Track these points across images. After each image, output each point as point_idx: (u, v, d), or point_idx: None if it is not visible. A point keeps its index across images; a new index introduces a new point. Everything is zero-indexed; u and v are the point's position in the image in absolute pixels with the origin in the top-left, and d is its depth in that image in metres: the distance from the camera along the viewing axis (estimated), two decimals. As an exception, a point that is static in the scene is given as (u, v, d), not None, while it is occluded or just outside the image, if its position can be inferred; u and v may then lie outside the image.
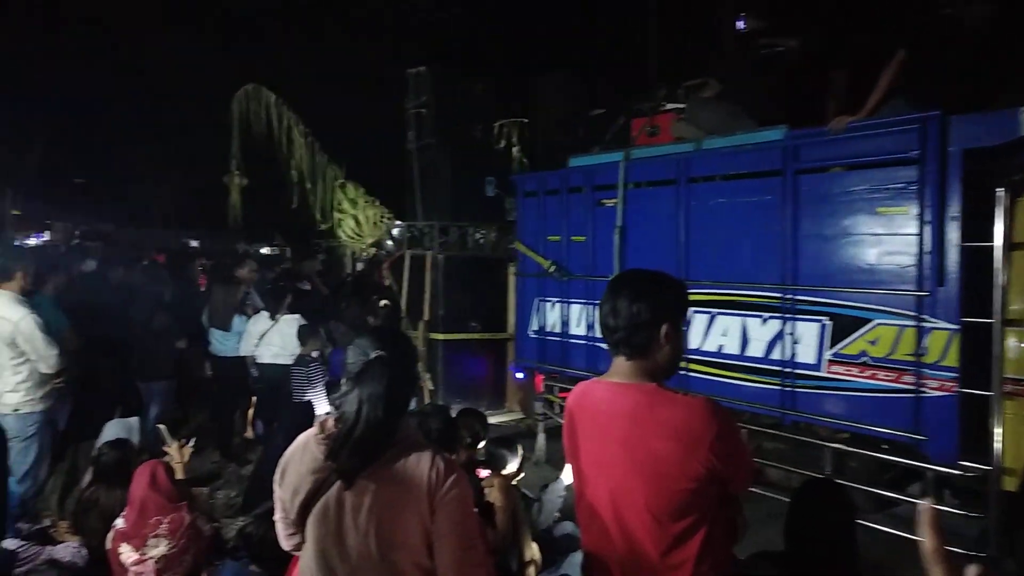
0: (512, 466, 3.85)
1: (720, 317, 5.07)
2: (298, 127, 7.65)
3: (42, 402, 4.66)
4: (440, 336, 7.61)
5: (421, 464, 1.86)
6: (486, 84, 8.11)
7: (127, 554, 3.64)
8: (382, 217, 7.62)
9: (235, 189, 8.04)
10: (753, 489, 4.29)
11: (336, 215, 7.50)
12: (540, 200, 6.54)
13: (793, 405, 4.64)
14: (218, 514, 5.08)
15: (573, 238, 6.19)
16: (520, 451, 3.95)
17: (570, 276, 6.21)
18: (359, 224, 7.36)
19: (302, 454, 1.95)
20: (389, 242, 7.43)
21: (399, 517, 1.84)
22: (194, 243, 20.60)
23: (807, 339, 4.57)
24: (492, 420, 4.75)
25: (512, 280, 7.34)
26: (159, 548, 3.61)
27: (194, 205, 23.65)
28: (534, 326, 6.64)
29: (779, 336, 4.71)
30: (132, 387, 6.48)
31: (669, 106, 6.22)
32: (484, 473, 3.65)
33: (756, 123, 5.17)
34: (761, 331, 4.83)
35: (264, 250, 22.39)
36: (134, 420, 5.64)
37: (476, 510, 2.11)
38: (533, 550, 3.30)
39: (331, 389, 5.64)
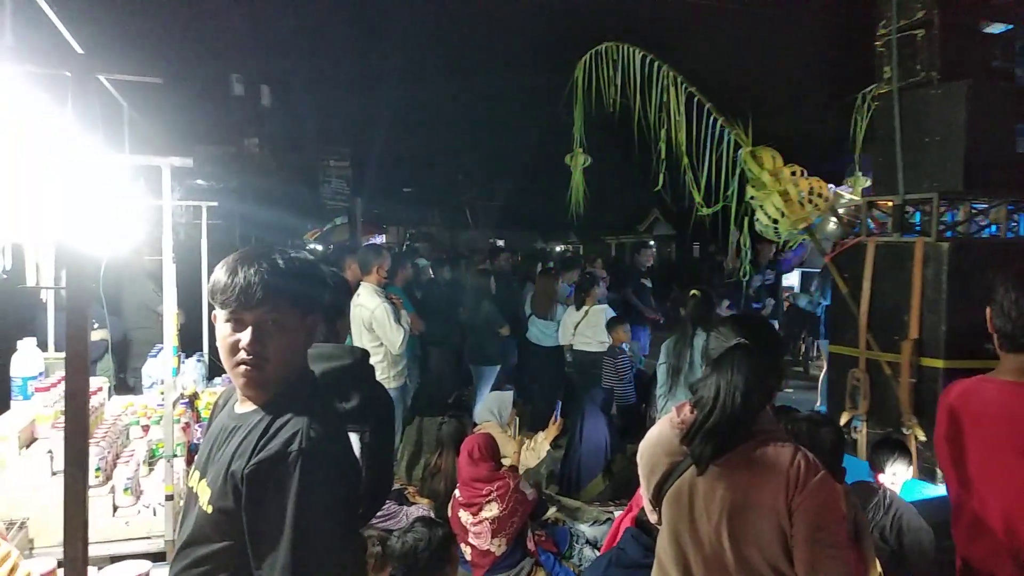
0: (892, 474, 3.56)
1: None
2: (677, 86, 5.70)
3: (395, 380, 5.30)
4: (940, 363, 4.80)
5: (780, 459, 1.76)
6: None
7: (465, 517, 4.10)
8: (819, 193, 5.26)
9: (577, 170, 6.85)
10: None
11: (750, 193, 5.36)
12: None
13: None
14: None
15: None
16: (909, 462, 3.61)
17: None
18: (788, 203, 5.15)
19: (659, 435, 1.99)
20: (831, 226, 5.32)
21: (751, 511, 1.77)
22: (500, 242, 22.34)
23: None
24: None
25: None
26: (492, 511, 4.02)
27: (498, 208, 25.77)
28: None
29: None
30: (464, 370, 7.23)
31: None
32: None
33: None
34: None
35: (558, 247, 23.47)
36: (508, 393, 6.35)
37: None
38: (877, 567, 3.01)
39: (638, 379, 5.74)
